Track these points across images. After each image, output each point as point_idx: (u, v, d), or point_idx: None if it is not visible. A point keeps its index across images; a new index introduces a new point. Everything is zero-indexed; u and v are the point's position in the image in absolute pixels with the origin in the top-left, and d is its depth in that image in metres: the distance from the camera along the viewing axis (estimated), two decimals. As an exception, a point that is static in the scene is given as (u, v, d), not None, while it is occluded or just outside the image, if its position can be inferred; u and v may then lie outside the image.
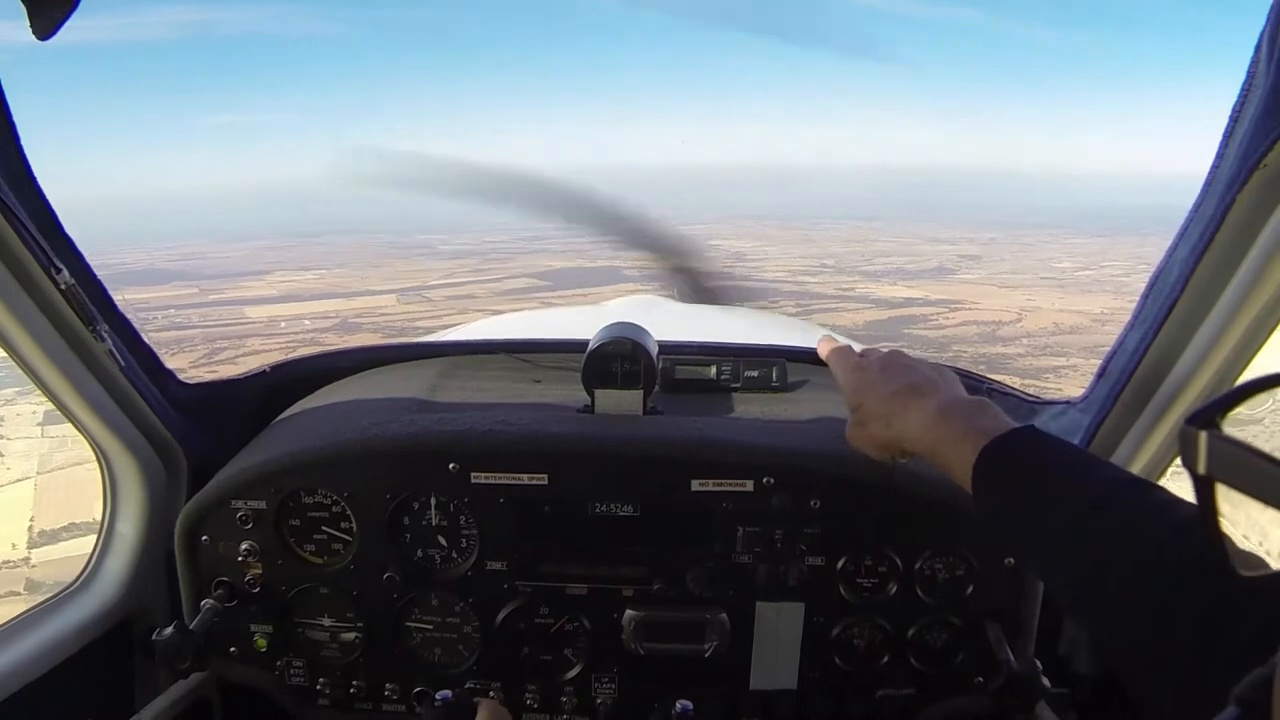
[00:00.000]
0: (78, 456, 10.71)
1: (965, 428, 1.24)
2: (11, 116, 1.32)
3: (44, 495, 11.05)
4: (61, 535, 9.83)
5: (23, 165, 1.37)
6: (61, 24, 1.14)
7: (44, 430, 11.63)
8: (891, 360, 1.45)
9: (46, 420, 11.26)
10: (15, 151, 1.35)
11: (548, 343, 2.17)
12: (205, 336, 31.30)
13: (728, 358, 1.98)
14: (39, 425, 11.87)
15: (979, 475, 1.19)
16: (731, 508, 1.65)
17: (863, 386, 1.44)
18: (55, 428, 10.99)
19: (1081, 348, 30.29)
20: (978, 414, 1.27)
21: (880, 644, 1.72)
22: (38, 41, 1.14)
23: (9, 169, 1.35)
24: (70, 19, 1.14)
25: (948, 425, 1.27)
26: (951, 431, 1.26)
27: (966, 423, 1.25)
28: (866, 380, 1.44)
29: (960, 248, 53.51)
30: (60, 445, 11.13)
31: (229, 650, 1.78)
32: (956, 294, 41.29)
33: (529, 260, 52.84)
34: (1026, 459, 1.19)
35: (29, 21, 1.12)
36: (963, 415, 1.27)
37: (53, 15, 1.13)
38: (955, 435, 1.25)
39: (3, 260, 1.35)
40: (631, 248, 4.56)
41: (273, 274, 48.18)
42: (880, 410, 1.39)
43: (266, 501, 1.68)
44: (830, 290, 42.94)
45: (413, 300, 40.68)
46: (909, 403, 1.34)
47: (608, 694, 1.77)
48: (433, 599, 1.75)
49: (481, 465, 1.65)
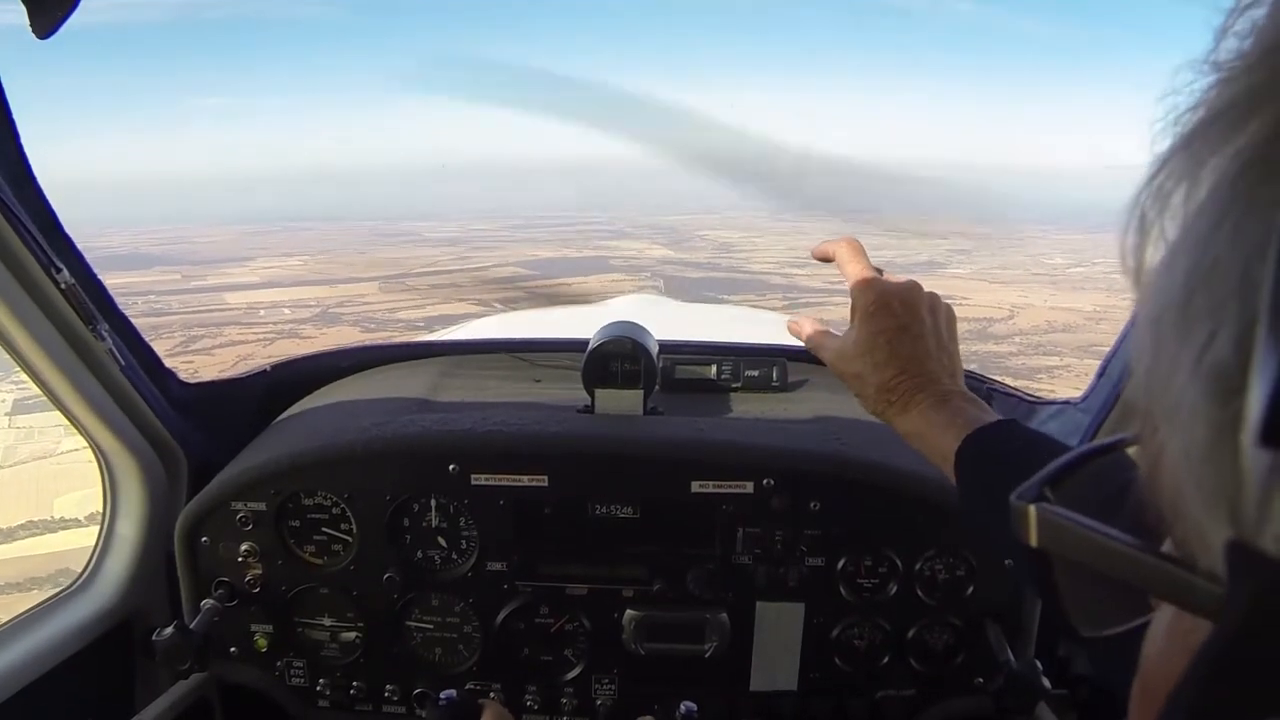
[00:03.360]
0: (43, 450, 10.47)
1: (951, 417, 1.27)
2: (11, 116, 1.31)
3: (3, 491, 10.69)
4: (18, 534, 9.36)
5: (23, 165, 1.36)
6: (62, 23, 1.13)
7: (12, 420, 11.14)
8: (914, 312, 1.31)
9: (15, 410, 10.87)
10: (15, 151, 1.34)
11: (548, 342, 2.17)
12: (183, 324, 31.04)
13: (728, 357, 1.98)
14: (7, 415, 11.33)
15: (959, 460, 1.22)
16: (731, 509, 1.66)
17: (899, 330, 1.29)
18: (24, 418, 10.68)
19: (1075, 346, 30.38)
20: (966, 404, 1.30)
21: (880, 644, 1.73)
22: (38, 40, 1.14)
23: (9, 169, 1.33)
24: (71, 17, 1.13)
25: (937, 413, 1.29)
26: (939, 419, 1.28)
27: (954, 413, 1.27)
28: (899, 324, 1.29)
29: (951, 242, 53.70)
30: (27, 437, 10.84)
31: (229, 651, 1.77)
32: (947, 289, 41.28)
33: (515, 249, 52.73)
34: (1004, 448, 1.22)
35: (29, 20, 1.11)
36: (951, 405, 1.30)
37: (53, 14, 1.12)
38: (944, 422, 1.27)
39: (3, 260, 1.34)
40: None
41: (256, 260, 47.83)
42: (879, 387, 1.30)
43: (266, 503, 1.67)
44: (818, 283, 43.03)
45: (395, 289, 40.46)
46: (910, 395, 1.32)
47: (608, 695, 1.77)
48: (433, 599, 1.75)
49: (481, 467, 1.65)
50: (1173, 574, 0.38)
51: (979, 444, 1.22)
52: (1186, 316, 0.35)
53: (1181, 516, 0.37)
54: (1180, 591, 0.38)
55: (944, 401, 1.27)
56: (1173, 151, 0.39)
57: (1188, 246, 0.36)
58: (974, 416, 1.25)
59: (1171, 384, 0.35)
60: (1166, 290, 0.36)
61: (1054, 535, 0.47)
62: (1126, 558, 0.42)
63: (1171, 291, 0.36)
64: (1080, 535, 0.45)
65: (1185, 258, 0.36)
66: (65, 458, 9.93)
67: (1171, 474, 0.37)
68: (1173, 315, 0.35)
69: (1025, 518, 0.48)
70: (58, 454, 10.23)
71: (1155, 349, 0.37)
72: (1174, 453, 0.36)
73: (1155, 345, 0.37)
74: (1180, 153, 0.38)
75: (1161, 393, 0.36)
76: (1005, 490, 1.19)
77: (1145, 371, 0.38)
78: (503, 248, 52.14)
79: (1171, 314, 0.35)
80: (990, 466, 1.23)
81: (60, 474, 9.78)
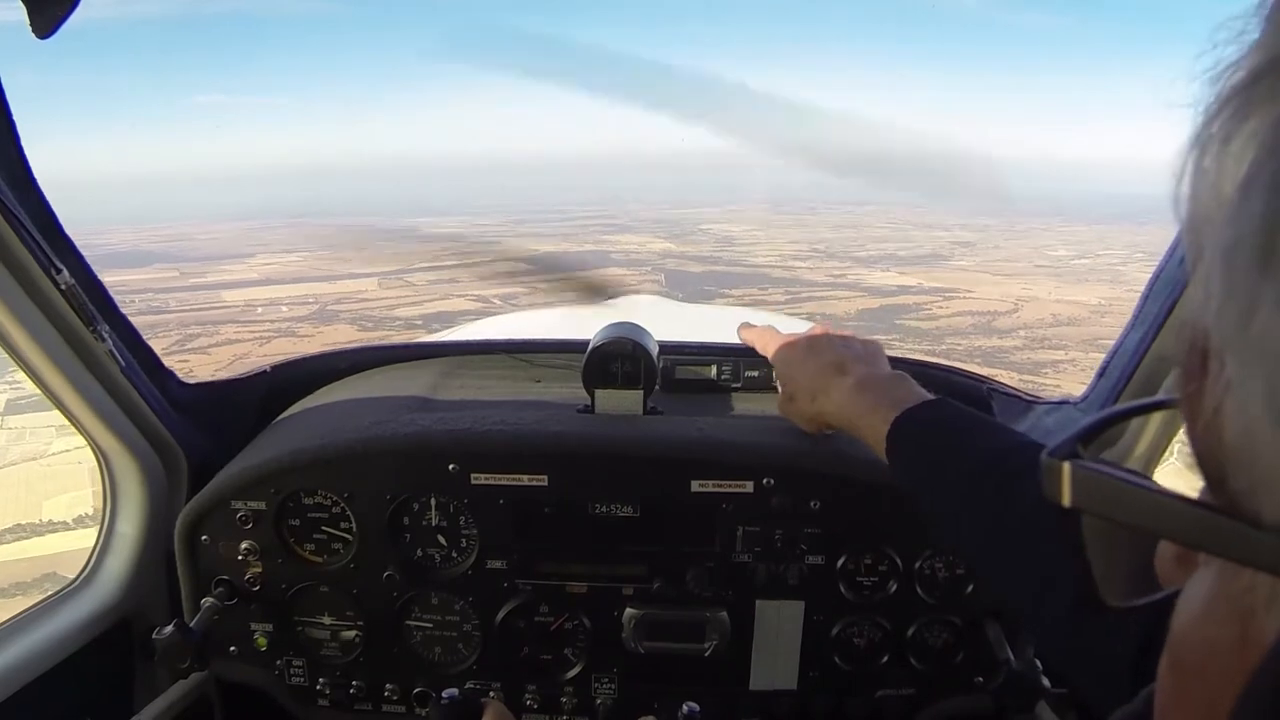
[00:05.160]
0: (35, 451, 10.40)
1: (878, 401, 1.32)
2: (12, 116, 1.31)
3: (-6, 494, 10.58)
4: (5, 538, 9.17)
5: (23, 165, 1.36)
6: (62, 23, 1.13)
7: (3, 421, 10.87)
8: (817, 338, 1.54)
9: (8, 410, 10.64)
10: (15, 151, 1.34)
11: (548, 343, 2.17)
12: (180, 322, 31.02)
13: (728, 358, 1.98)
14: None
15: (891, 446, 1.26)
16: (731, 508, 1.66)
17: (791, 362, 1.54)
18: (16, 419, 10.55)
19: (1080, 340, 30.32)
20: (893, 387, 1.35)
21: (880, 643, 1.73)
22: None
23: (9, 169, 1.33)
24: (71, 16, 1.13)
25: (863, 398, 1.35)
26: (866, 404, 1.34)
27: (880, 396, 1.33)
28: (794, 356, 1.54)
29: (954, 234, 53.57)
30: (18, 438, 10.74)
31: (229, 650, 1.78)
32: (950, 282, 41.32)
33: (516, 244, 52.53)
34: (935, 428, 1.25)
35: (28, 20, 1.10)
36: (878, 389, 1.35)
37: (53, 14, 1.12)
38: (869, 407, 1.33)
39: (3, 260, 1.34)
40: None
41: (256, 257, 47.72)
42: (805, 385, 1.49)
43: (266, 502, 1.68)
44: (821, 277, 42.93)
45: (394, 284, 40.35)
46: (831, 379, 1.43)
47: (608, 694, 1.78)
48: (432, 598, 1.75)
49: (481, 466, 1.65)
50: (1233, 528, 0.37)
51: (908, 426, 1.25)
52: (1267, 250, 0.34)
53: (1249, 463, 0.36)
54: (1242, 547, 0.37)
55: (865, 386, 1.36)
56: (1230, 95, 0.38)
57: (1261, 184, 0.35)
58: (899, 398, 1.29)
59: (1251, 320, 0.34)
60: (1239, 228, 0.35)
61: (1090, 493, 0.44)
62: (1175, 512, 0.40)
63: (1246, 228, 0.35)
64: (1121, 491, 0.43)
65: (1259, 195, 0.35)
66: (55, 459, 9.89)
67: (1243, 416, 0.35)
68: (1249, 251, 0.34)
69: (1058, 475, 0.45)
70: (48, 455, 10.16)
71: (1228, 287, 0.36)
72: (1252, 392, 0.34)
73: (1227, 283, 0.36)
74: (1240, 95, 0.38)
75: (1237, 330, 0.35)
76: (940, 472, 1.21)
77: (1216, 312, 0.36)
78: (503, 243, 52.00)
79: (1247, 250, 0.34)
80: (921, 449, 1.25)
81: (50, 475, 9.72)
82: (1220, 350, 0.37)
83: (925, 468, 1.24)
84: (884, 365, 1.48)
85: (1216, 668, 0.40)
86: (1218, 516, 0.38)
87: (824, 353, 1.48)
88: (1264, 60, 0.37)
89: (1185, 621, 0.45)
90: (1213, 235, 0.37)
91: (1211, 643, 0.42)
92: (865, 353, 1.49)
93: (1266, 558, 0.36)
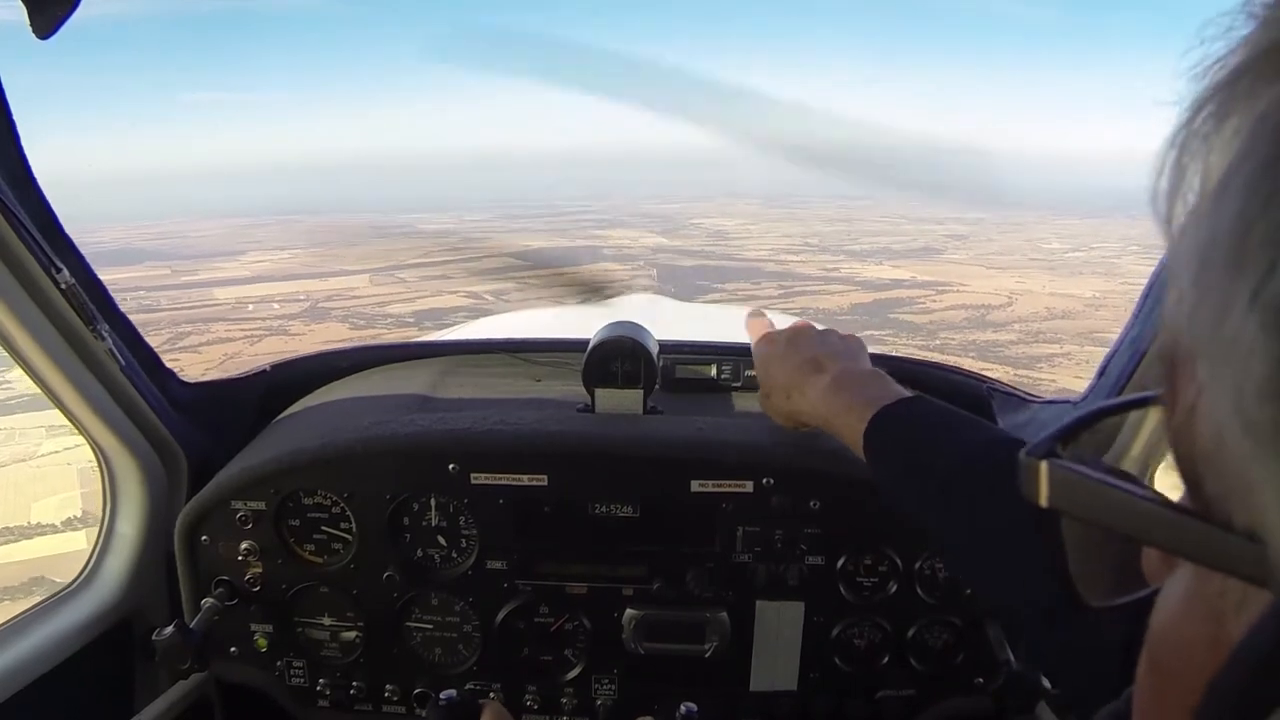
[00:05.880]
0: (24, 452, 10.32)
1: (853, 399, 1.30)
2: (12, 116, 1.30)
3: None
4: None
5: (23, 165, 1.35)
6: (62, 23, 1.12)
7: None
8: (797, 334, 1.52)
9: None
10: (15, 151, 1.34)
11: (548, 342, 2.17)
12: (172, 320, 30.84)
13: (728, 357, 1.98)
14: (-11, 418, 11.26)
15: (868, 444, 1.24)
16: (731, 508, 1.66)
17: (769, 359, 1.52)
18: (5, 419, 10.59)
19: (1075, 333, 30.29)
20: (869, 385, 1.33)
21: (880, 644, 1.74)
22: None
23: (9, 169, 1.33)
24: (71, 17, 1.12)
25: (838, 397, 1.33)
26: (841, 403, 1.32)
27: (856, 394, 1.31)
28: (773, 353, 1.51)
29: (947, 227, 53.58)
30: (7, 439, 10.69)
31: (229, 650, 1.77)
32: (944, 275, 41.29)
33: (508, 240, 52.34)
34: (912, 425, 1.24)
35: (28, 20, 1.10)
36: (855, 387, 1.33)
37: (53, 14, 1.11)
38: (845, 406, 1.31)
39: (3, 260, 1.33)
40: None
41: (248, 254, 47.49)
42: (782, 382, 1.47)
43: (266, 502, 1.67)
44: (814, 270, 42.88)
45: (385, 281, 40.20)
46: (807, 377, 1.41)
47: (608, 695, 1.78)
48: (432, 598, 1.75)
49: (481, 466, 1.65)
50: (1205, 532, 0.37)
51: (885, 424, 1.23)
52: (1241, 250, 0.33)
53: (1219, 468, 0.36)
54: (1214, 551, 0.36)
55: (841, 384, 1.34)
56: (1212, 93, 0.38)
57: (1238, 183, 0.35)
58: (875, 396, 1.27)
59: (1224, 321, 0.33)
60: (1215, 227, 0.35)
61: (1067, 492, 0.44)
62: (1150, 515, 0.39)
63: (1222, 227, 0.34)
64: (1098, 492, 0.42)
65: (1237, 193, 0.34)
66: (45, 460, 9.81)
67: (1213, 420, 0.35)
68: (1224, 251, 0.34)
69: (1035, 474, 0.45)
70: (37, 456, 10.08)
71: (1201, 287, 0.35)
72: (1221, 395, 0.34)
73: (1201, 283, 0.35)
74: (1222, 92, 0.38)
75: (1209, 331, 0.34)
76: (917, 469, 1.21)
77: (1189, 313, 0.36)
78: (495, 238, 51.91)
79: (1222, 250, 0.34)
80: (898, 447, 1.24)
81: (39, 477, 9.65)
82: (1193, 352, 0.36)
83: (902, 465, 1.23)
84: (865, 362, 1.45)
85: (1192, 668, 0.40)
86: (1192, 520, 0.38)
87: (801, 349, 1.46)
88: (1247, 57, 0.37)
89: (1163, 621, 0.45)
90: (1189, 233, 0.37)
91: (1187, 643, 0.41)
92: (844, 349, 1.47)
93: (1237, 563, 0.35)
